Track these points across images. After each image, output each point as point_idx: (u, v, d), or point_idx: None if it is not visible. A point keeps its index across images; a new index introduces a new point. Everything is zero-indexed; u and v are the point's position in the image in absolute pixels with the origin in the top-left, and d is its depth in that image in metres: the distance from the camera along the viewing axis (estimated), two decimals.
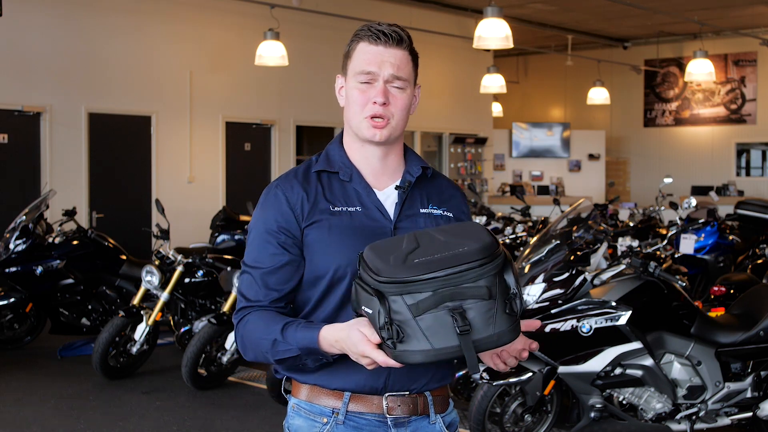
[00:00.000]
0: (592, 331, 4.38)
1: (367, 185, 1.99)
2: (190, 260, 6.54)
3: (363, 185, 1.99)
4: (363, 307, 1.72)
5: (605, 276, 4.56)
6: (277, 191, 1.97)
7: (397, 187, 2.00)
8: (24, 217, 7.12)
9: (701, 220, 7.74)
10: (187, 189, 10.77)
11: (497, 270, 1.68)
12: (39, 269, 7.00)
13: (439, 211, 2.02)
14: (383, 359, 1.69)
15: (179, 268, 6.45)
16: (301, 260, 1.94)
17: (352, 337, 1.73)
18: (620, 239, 6.58)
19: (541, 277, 4.57)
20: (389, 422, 1.92)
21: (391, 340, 1.65)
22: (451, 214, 2.04)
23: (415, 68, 2.03)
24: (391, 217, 1.97)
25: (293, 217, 1.94)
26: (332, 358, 1.84)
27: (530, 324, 1.85)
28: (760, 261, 7.39)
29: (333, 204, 1.95)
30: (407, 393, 1.93)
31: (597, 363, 4.41)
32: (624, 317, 4.39)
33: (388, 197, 2.00)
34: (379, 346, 1.69)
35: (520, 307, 1.71)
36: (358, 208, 1.96)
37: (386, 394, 1.92)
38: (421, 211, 2.00)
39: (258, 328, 1.90)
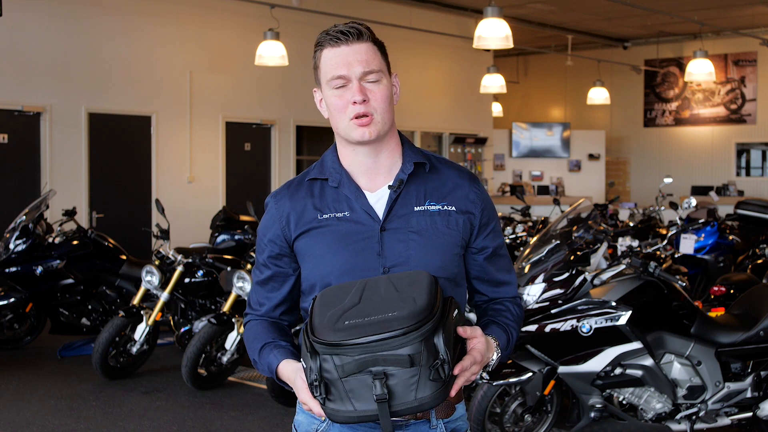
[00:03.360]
0: (592, 331, 4.38)
1: (357, 188, 1.97)
2: (190, 260, 6.54)
3: (352, 189, 1.97)
4: (301, 360, 1.78)
5: (605, 276, 4.56)
6: (271, 202, 2.05)
7: (390, 187, 1.97)
8: (24, 217, 7.12)
9: (701, 220, 7.74)
10: (187, 189, 10.77)
11: (424, 337, 1.67)
12: (39, 269, 7.00)
13: (438, 207, 1.98)
14: (318, 411, 1.76)
15: (179, 268, 6.45)
16: (289, 272, 2.04)
17: (296, 383, 1.84)
18: (620, 239, 6.58)
19: (541, 277, 4.57)
20: None
21: (320, 397, 1.71)
22: (452, 208, 1.98)
23: (384, 57, 1.97)
24: (381, 218, 1.95)
25: (280, 230, 2.00)
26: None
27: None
28: (760, 261, 7.38)
29: (321, 212, 1.97)
30: None
31: (597, 363, 4.41)
32: (624, 317, 4.39)
33: (380, 198, 1.98)
34: None
35: (448, 373, 1.70)
36: (346, 213, 1.96)
37: None
38: (416, 209, 1.96)
39: (249, 339, 2.06)
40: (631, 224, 9.24)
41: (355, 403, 1.69)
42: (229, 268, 6.33)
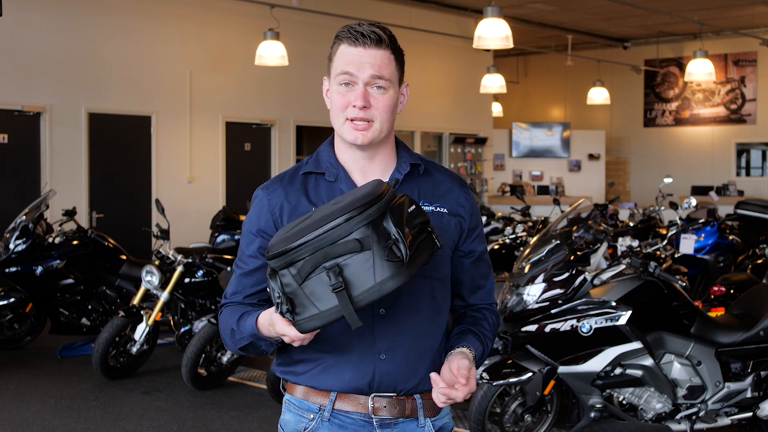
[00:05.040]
0: (592, 331, 4.38)
1: (353, 185, 1.97)
2: (190, 260, 6.54)
3: (348, 185, 1.97)
4: (267, 288, 1.77)
5: (605, 276, 4.56)
6: (261, 194, 2.02)
7: None
8: (24, 217, 7.12)
9: (701, 220, 7.74)
10: (187, 189, 10.77)
11: (369, 220, 1.65)
12: (39, 269, 7.00)
13: (431, 208, 1.98)
14: (294, 334, 1.73)
15: (179, 268, 6.45)
16: None
17: (273, 319, 1.78)
18: (620, 239, 6.58)
19: (541, 277, 4.57)
20: (375, 423, 1.92)
21: (288, 313, 1.69)
22: (445, 210, 1.99)
23: (399, 67, 1.97)
24: None
25: (272, 222, 1.98)
26: (277, 344, 1.89)
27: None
28: (760, 261, 7.39)
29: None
30: (394, 394, 1.92)
31: (597, 363, 4.41)
32: (624, 317, 4.39)
33: None
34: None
35: (405, 252, 1.65)
36: None
37: (372, 395, 1.92)
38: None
39: (224, 320, 2.01)
40: (631, 224, 9.25)
41: (318, 305, 1.67)
42: (229, 268, 6.33)
